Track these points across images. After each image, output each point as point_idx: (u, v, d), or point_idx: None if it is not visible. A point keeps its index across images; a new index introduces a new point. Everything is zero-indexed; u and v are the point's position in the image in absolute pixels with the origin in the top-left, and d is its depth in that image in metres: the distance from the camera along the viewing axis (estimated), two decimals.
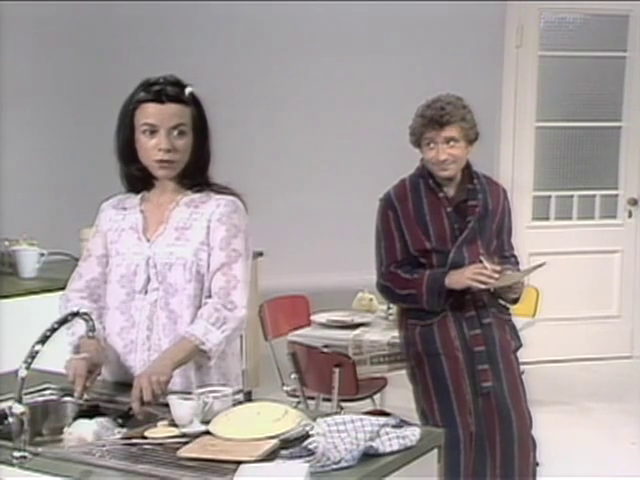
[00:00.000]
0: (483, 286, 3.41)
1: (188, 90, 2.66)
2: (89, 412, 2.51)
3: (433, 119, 3.46)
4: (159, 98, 2.61)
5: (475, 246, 3.52)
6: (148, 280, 2.66)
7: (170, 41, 6.48)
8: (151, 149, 2.62)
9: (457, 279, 3.43)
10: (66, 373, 2.55)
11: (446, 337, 3.50)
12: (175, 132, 2.62)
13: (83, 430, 2.35)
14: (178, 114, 2.62)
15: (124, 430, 2.36)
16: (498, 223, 3.62)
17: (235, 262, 2.65)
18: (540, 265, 3.52)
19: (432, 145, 3.49)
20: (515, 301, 3.60)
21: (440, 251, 3.51)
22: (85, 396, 2.53)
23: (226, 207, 2.68)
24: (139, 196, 2.76)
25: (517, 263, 3.70)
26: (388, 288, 3.58)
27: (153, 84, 2.64)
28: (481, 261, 3.44)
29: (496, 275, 3.40)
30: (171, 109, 2.61)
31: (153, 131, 2.61)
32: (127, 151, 2.68)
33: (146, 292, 2.66)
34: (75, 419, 2.49)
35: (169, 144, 2.61)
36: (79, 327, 2.58)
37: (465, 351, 3.49)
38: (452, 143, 3.47)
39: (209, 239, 2.66)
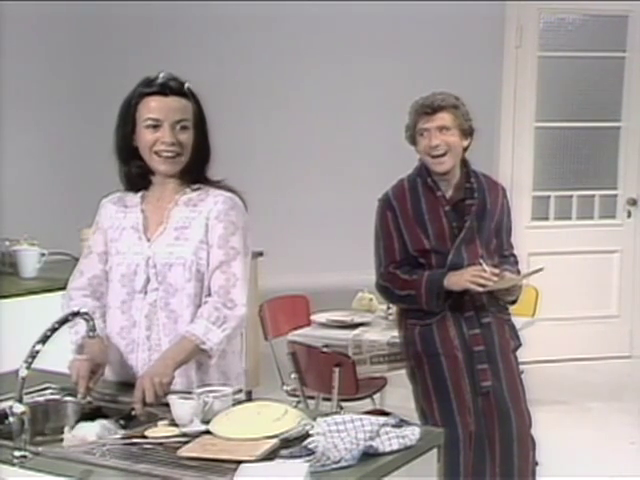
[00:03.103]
0: (481, 289, 3.41)
1: (187, 85, 2.69)
2: (91, 414, 2.51)
3: (424, 105, 3.49)
4: (163, 91, 2.63)
5: (474, 246, 3.53)
6: (148, 280, 2.67)
7: (170, 41, 6.49)
8: (154, 142, 2.63)
9: (456, 281, 3.44)
10: (69, 374, 2.55)
11: (445, 337, 3.51)
12: (178, 127, 2.64)
13: (85, 433, 2.36)
14: (181, 109, 2.64)
15: (126, 431, 2.36)
16: (497, 222, 3.63)
17: (234, 260, 2.65)
18: (538, 270, 3.52)
19: (425, 134, 3.50)
20: (512, 302, 3.61)
21: (439, 251, 3.51)
22: (88, 398, 2.54)
23: (224, 204, 2.69)
24: (139, 194, 2.76)
25: (516, 263, 3.70)
26: (387, 288, 3.58)
27: (155, 79, 2.66)
28: (480, 263, 3.45)
29: (495, 278, 3.41)
30: (175, 102, 2.63)
31: (156, 126, 2.63)
32: (127, 147, 2.69)
33: (146, 292, 2.67)
34: (77, 421, 2.49)
35: (173, 137, 2.62)
36: (82, 326, 2.58)
37: (464, 351, 3.50)
38: (444, 131, 3.48)
39: (207, 237, 2.66)
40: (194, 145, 2.67)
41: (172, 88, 2.64)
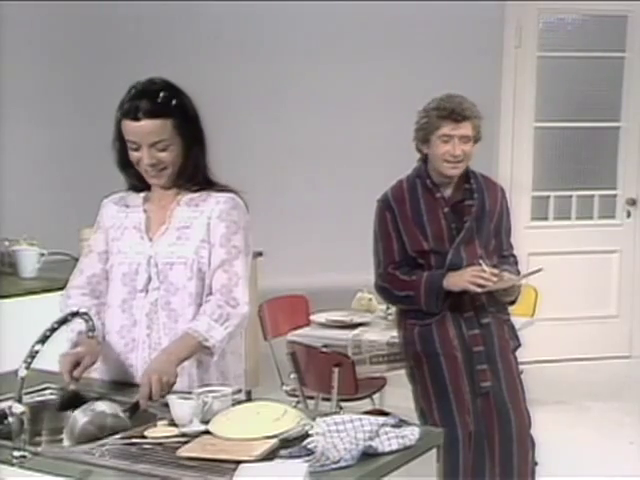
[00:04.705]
0: (480, 290, 3.41)
1: (162, 96, 2.61)
2: (72, 402, 2.49)
3: (454, 112, 3.45)
4: (134, 116, 2.59)
5: (473, 246, 3.53)
6: (149, 279, 2.67)
7: (171, 40, 6.49)
8: (137, 161, 2.65)
9: (455, 281, 3.44)
10: None
11: (445, 337, 3.51)
12: (156, 147, 2.62)
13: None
14: (155, 131, 2.60)
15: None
16: (496, 223, 3.63)
17: (236, 259, 2.66)
18: (537, 270, 3.52)
19: (446, 139, 3.48)
20: (511, 303, 3.62)
21: (438, 252, 3.51)
22: (72, 386, 2.53)
23: (225, 204, 2.70)
24: (142, 195, 2.77)
25: (516, 263, 3.70)
26: (386, 289, 3.58)
27: (131, 99, 2.61)
28: (480, 263, 3.45)
29: (494, 278, 3.41)
30: (148, 127, 2.59)
31: (136, 148, 2.63)
32: (122, 158, 2.71)
33: (147, 291, 2.67)
34: (60, 410, 2.49)
35: (152, 158, 2.62)
36: (78, 324, 2.58)
37: (464, 351, 3.50)
38: (465, 140, 3.48)
39: (209, 236, 2.67)
40: (183, 154, 2.66)
41: (144, 111, 2.58)
